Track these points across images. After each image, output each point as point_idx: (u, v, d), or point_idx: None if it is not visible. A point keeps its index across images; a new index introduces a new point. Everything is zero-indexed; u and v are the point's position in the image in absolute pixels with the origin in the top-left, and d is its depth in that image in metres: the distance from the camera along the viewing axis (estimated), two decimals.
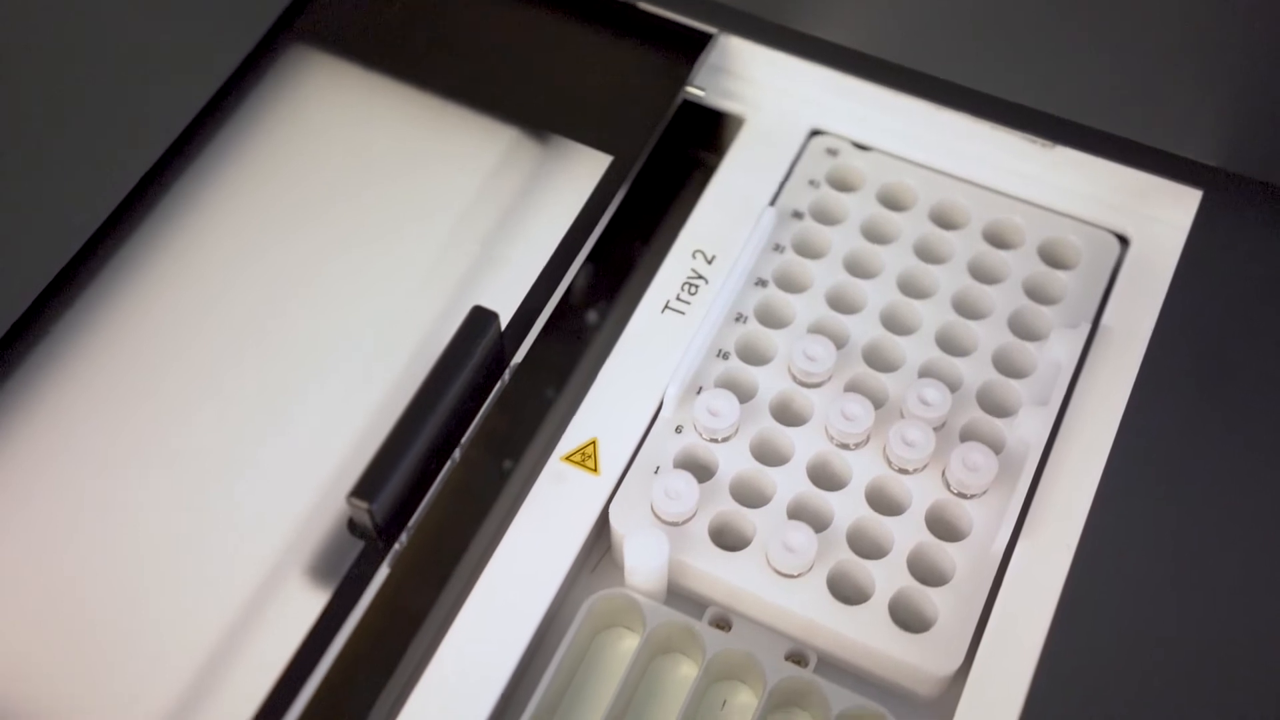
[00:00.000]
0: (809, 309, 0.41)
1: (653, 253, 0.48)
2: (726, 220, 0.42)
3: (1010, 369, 0.40)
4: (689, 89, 0.44)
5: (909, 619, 0.35)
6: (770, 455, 0.38)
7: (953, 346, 0.40)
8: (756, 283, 0.41)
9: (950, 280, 0.41)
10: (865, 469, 0.37)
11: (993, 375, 0.39)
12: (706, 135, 0.47)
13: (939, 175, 0.43)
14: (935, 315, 0.40)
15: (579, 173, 0.42)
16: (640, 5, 0.45)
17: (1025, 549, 0.36)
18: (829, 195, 0.43)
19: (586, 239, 0.40)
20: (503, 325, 0.37)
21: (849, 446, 0.38)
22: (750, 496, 0.37)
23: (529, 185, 0.42)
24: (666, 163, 0.46)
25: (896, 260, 0.42)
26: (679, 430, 0.38)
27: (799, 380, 0.39)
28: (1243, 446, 0.37)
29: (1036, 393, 0.39)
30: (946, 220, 0.43)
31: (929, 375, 0.39)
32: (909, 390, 0.38)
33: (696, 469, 0.38)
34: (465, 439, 0.36)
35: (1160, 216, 0.42)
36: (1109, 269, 0.41)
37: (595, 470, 0.37)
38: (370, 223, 0.41)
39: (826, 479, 0.38)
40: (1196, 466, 0.37)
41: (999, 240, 0.42)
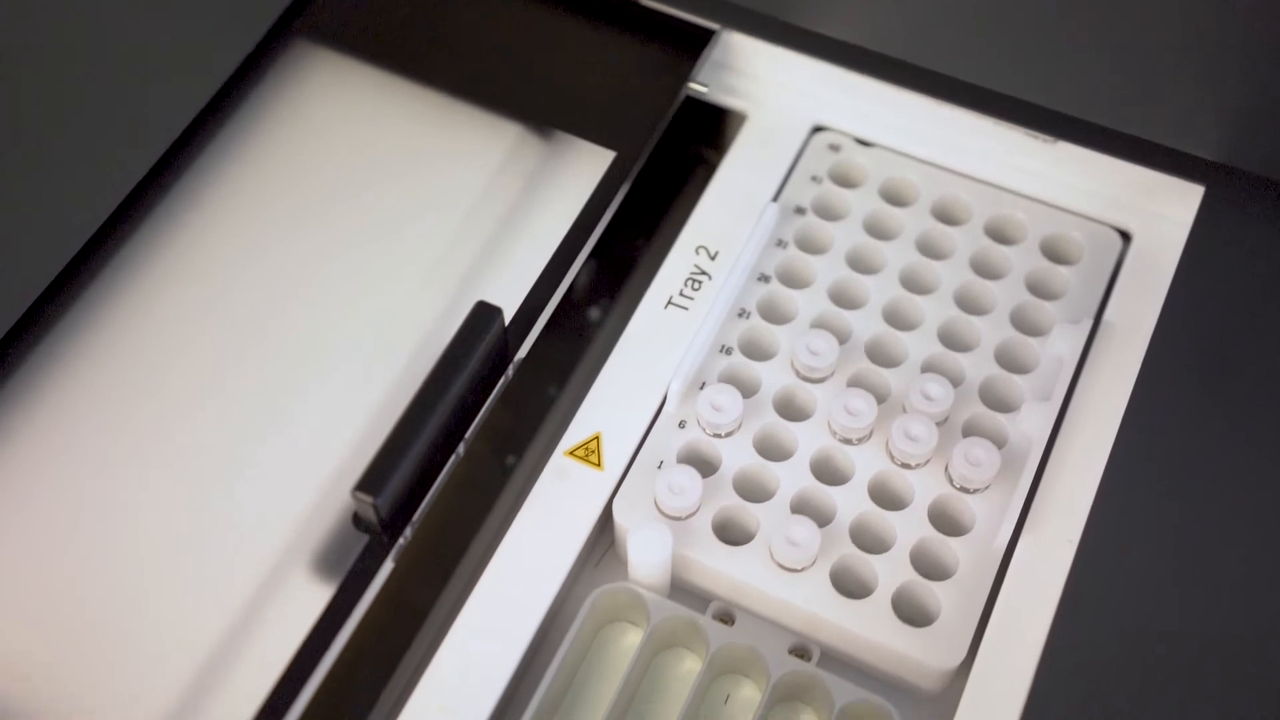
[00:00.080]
0: (811, 304, 0.41)
1: (656, 248, 0.48)
2: (729, 216, 0.42)
3: (1012, 364, 0.40)
4: (691, 85, 0.44)
5: (912, 613, 0.36)
6: (773, 450, 0.38)
7: (955, 342, 0.40)
8: (759, 278, 0.41)
9: (952, 276, 0.41)
10: (868, 464, 0.37)
11: (995, 370, 0.39)
12: (709, 131, 0.47)
13: (941, 171, 0.43)
14: (938, 310, 0.40)
15: (582, 169, 0.42)
16: (643, 2, 0.45)
17: (1028, 544, 0.36)
18: (831, 191, 0.43)
19: (590, 235, 0.40)
20: (506, 321, 0.38)
21: (852, 441, 0.38)
22: (753, 491, 0.37)
23: (532, 182, 0.42)
24: (669, 159, 0.46)
25: (899, 256, 0.42)
26: (682, 425, 0.38)
27: (802, 375, 0.39)
28: (1245, 442, 0.37)
29: (1039, 388, 0.39)
30: (949, 216, 0.43)
31: (931, 370, 0.39)
32: (911, 385, 0.38)
33: (700, 464, 0.38)
34: (469, 434, 0.36)
35: (1162, 212, 0.42)
36: (1111, 264, 0.41)
37: (599, 465, 0.37)
38: (372, 220, 0.41)
39: (829, 474, 0.38)
40: (1198, 462, 0.37)
41: (1001, 236, 0.42)
